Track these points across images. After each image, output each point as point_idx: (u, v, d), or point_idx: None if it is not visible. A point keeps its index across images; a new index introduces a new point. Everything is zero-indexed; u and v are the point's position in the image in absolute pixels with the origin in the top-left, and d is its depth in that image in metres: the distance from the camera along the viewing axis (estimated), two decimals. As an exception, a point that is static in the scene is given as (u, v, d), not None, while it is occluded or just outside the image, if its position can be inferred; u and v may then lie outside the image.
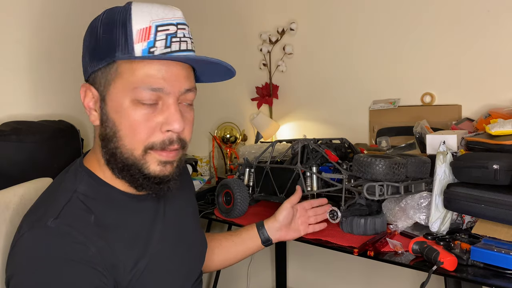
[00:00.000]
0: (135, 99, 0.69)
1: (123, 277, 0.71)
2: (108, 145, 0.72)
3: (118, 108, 0.70)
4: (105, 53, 0.69)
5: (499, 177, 0.98)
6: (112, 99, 0.70)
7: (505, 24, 1.50)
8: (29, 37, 1.30)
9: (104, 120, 0.72)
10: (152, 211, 0.81)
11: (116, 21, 0.69)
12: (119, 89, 0.70)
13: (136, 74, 0.68)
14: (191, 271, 0.89)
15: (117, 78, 0.70)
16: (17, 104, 1.28)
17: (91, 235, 0.68)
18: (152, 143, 0.70)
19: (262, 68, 2.16)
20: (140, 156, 0.71)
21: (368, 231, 1.14)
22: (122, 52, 0.68)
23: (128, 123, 0.70)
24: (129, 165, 0.71)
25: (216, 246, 1.07)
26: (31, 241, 0.66)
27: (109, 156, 0.73)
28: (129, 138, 0.70)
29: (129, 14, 0.69)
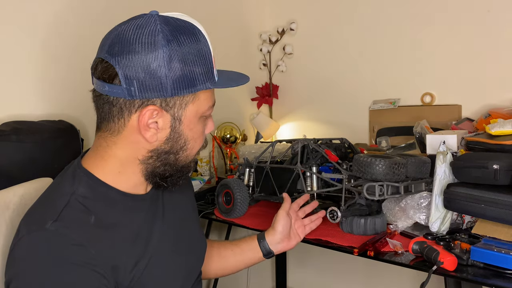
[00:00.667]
0: (202, 116, 0.78)
1: (124, 277, 0.71)
2: (168, 157, 0.77)
3: (192, 126, 0.76)
4: (196, 82, 0.72)
5: (499, 177, 0.98)
6: (188, 118, 0.75)
7: (505, 24, 1.50)
8: (30, 38, 1.30)
9: (176, 137, 0.75)
10: (152, 211, 0.81)
11: (205, 53, 0.73)
12: (195, 109, 0.75)
13: (208, 95, 0.77)
14: (191, 271, 0.89)
15: (195, 100, 0.74)
16: (17, 104, 1.28)
17: (91, 237, 0.68)
18: (202, 146, 0.82)
19: (262, 68, 2.16)
20: (193, 159, 0.81)
21: (368, 231, 1.14)
22: (210, 82, 0.74)
23: (197, 135, 0.78)
24: (179, 168, 0.79)
25: (215, 254, 1.06)
26: (30, 244, 0.66)
27: (161, 165, 0.77)
28: (194, 148, 0.79)
29: (206, 41, 0.74)
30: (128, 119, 0.72)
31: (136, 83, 0.68)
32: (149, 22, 0.69)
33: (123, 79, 0.68)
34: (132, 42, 0.68)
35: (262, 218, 1.35)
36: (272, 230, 1.06)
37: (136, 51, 0.68)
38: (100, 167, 0.75)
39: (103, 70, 0.70)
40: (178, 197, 0.90)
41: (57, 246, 0.65)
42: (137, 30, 0.69)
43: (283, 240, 1.06)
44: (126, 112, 0.71)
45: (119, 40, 0.69)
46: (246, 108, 2.18)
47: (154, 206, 0.82)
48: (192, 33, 0.72)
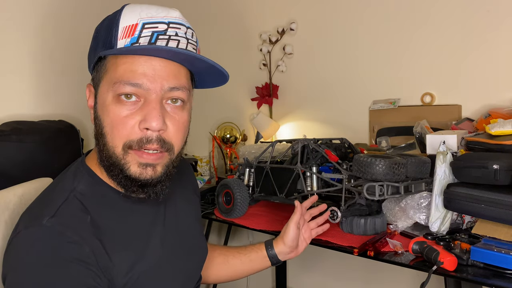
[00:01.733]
0: (116, 95, 0.68)
1: (117, 279, 0.70)
2: (98, 143, 0.72)
3: (103, 105, 0.70)
4: (96, 51, 0.72)
5: (499, 177, 0.98)
6: (100, 96, 0.71)
7: (505, 24, 1.50)
8: (30, 38, 1.30)
9: (95, 117, 0.73)
10: (152, 214, 0.80)
11: (107, 19, 0.72)
12: (104, 85, 0.70)
13: (118, 70, 0.68)
14: (190, 277, 0.88)
15: (105, 75, 0.70)
16: (17, 104, 1.28)
17: (87, 235, 0.68)
18: (130, 141, 0.69)
19: (262, 68, 2.16)
20: (121, 155, 0.70)
21: (368, 231, 1.14)
22: (105, 47, 0.69)
23: (110, 119, 0.69)
24: (112, 164, 0.70)
25: (223, 262, 1.05)
26: (26, 239, 0.66)
27: (99, 155, 0.73)
28: (110, 135, 0.69)
29: (119, 12, 0.70)
30: None
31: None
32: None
33: None
34: None
35: (262, 218, 1.35)
36: (281, 242, 1.05)
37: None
38: (97, 165, 0.75)
39: None
40: (183, 202, 0.89)
41: (52, 242, 0.65)
42: None
43: (292, 251, 1.06)
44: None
45: None
46: (246, 108, 2.18)
47: (155, 210, 0.81)
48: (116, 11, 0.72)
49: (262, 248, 1.05)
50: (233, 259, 1.05)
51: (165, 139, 0.71)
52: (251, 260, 1.05)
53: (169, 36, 0.69)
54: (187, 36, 0.72)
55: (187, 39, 0.71)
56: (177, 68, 0.71)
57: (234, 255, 1.05)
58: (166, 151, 0.72)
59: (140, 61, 0.68)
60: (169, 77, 0.70)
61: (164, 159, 0.72)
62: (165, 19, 0.69)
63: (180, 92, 0.71)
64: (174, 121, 0.72)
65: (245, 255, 1.05)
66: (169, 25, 0.69)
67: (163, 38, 0.68)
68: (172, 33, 0.69)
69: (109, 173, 0.72)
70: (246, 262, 1.05)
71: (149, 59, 0.68)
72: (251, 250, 1.05)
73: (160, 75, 0.69)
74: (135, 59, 0.68)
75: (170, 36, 0.69)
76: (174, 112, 0.72)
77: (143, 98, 0.69)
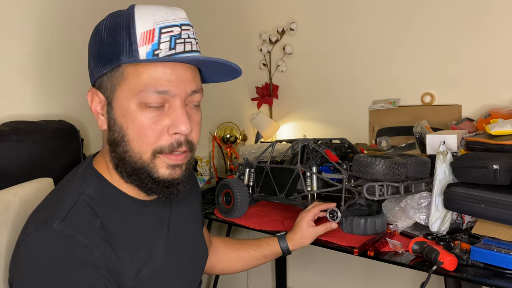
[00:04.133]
0: (141, 103, 0.68)
1: (126, 282, 0.70)
2: (116, 150, 0.71)
3: (124, 113, 0.69)
4: (110, 57, 0.69)
5: (499, 177, 0.98)
6: (118, 103, 0.70)
7: (505, 24, 1.50)
8: (30, 38, 1.30)
9: (112, 124, 0.71)
10: (158, 217, 0.81)
11: (120, 25, 0.69)
12: (125, 93, 0.69)
13: (141, 77, 0.68)
14: (192, 280, 0.89)
15: (123, 82, 0.69)
16: (17, 104, 1.28)
17: (96, 239, 0.68)
18: (161, 147, 0.70)
19: (262, 68, 2.16)
20: (149, 160, 0.70)
21: (368, 231, 1.14)
22: (127, 56, 0.67)
23: (135, 127, 0.69)
24: (137, 169, 0.71)
25: (238, 259, 1.10)
26: (36, 243, 0.66)
27: (117, 161, 0.72)
28: (137, 142, 0.70)
29: (132, 17, 0.68)
30: None
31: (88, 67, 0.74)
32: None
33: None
34: None
35: (262, 218, 1.35)
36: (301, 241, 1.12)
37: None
38: (105, 169, 0.76)
39: None
40: (186, 206, 0.89)
41: (62, 246, 0.65)
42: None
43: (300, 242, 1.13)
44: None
45: None
46: (246, 108, 2.18)
47: (161, 213, 0.82)
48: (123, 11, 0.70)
49: (276, 246, 1.11)
50: (248, 256, 1.10)
51: (191, 141, 0.73)
52: (265, 256, 1.11)
53: (184, 39, 0.70)
54: (194, 36, 0.73)
55: (195, 39, 0.73)
56: (194, 71, 0.73)
57: (249, 252, 1.10)
58: (190, 151, 0.74)
59: (164, 68, 0.68)
60: (190, 81, 0.71)
61: (188, 158, 0.75)
62: (177, 21, 0.70)
63: (199, 94, 0.74)
64: (194, 122, 0.74)
65: (260, 252, 1.11)
66: (182, 27, 0.70)
67: (180, 42, 0.69)
68: (186, 36, 0.70)
69: (131, 178, 0.72)
70: (261, 258, 1.11)
71: (171, 65, 0.69)
72: (266, 247, 1.11)
73: (183, 80, 0.70)
74: (158, 66, 0.68)
75: (185, 39, 0.70)
76: (193, 112, 0.74)
77: (167, 104, 0.70)
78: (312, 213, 1.13)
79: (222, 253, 1.10)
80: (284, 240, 1.11)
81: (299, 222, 1.13)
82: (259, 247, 1.10)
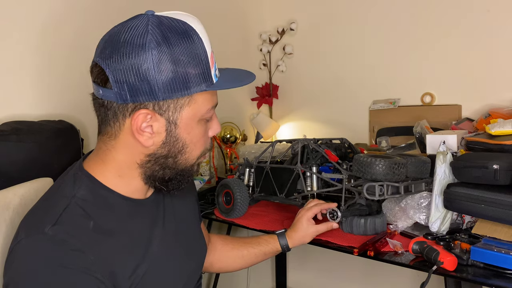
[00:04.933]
0: (202, 119, 0.75)
1: (122, 283, 0.70)
2: (166, 161, 0.75)
3: (189, 129, 0.74)
4: (191, 84, 0.70)
5: (499, 177, 0.98)
6: (184, 122, 0.73)
7: (505, 24, 1.50)
8: (30, 38, 1.30)
9: (172, 141, 0.73)
10: (152, 216, 0.81)
11: (192, 52, 0.69)
12: (192, 112, 0.73)
13: (207, 98, 0.74)
14: (191, 276, 0.88)
15: (192, 104, 0.72)
16: (17, 104, 1.28)
17: (90, 242, 0.67)
18: (206, 150, 0.79)
19: (262, 68, 2.16)
20: (195, 162, 0.79)
21: (368, 231, 1.14)
22: (206, 83, 0.71)
23: (196, 138, 0.76)
24: (180, 171, 0.77)
25: (238, 256, 1.10)
26: (28, 248, 0.66)
27: (160, 169, 0.75)
28: (194, 152, 0.77)
29: (196, 34, 0.70)
30: (123, 123, 0.71)
31: (126, 87, 0.67)
32: (140, 24, 0.68)
33: (114, 83, 0.67)
34: (121, 45, 0.67)
35: (262, 218, 1.35)
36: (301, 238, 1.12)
37: (125, 54, 0.66)
38: (101, 171, 0.75)
39: (96, 74, 0.70)
40: (180, 202, 0.89)
41: (55, 251, 0.65)
42: (127, 32, 0.67)
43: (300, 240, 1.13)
44: (120, 116, 0.70)
45: (110, 43, 0.68)
46: (246, 108, 2.18)
47: (155, 211, 0.82)
48: (185, 33, 0.68)
49: (276, 243, 1.11)
50: (248, 254, 1.11)
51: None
52: (265, 254, 1.11)
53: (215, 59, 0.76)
54: None
55: None
56: None
57: (249, 250, 1.11)
58: None
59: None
60: None
61: None
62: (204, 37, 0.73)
63: None
64: None
65: (260, 250, 1.11)
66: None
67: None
68: None
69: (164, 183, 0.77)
70: (260, 256, 1.11)
71: None
72: (265, 245, 1.11)
73: None
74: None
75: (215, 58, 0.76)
76: None
77: None
78: (312, 212, 1.13)
79: (220, 251, 1.10)
80: (284, 237, 1.11)
81: (299, 220, 1.12)
82: (258, 245, 1.10)
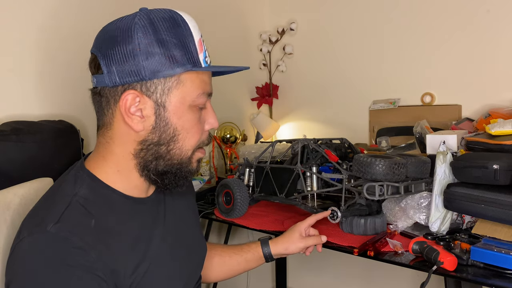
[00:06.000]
0: (193, 105, 0.74)
1: (123, 281, 0.70)
2: (158, 149, 0.74)
3: (179, 114, 0.73)
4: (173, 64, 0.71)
5: (499, 177, 0.98)
6: (173, 105, 0.73)
7: (505, 24, 1.50)
8: (30, 38, 1.30)
9: (162, 125, 0.73)
10: (153, 214, 0.81)
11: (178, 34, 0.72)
12: (180, 95, 0.73)
13: (196, 82, 0.74)
14: (191, 276, 0.89)
15: (180, 86, 0.73)
16: (17, 104, 1.28)
17: (91, 240, 0.68)
18: (202, 142, 0.78)
19: (262, 68, 2.16)
20: (190, 156, 0.77)
21: (368, 231, 1.14)
22: (192, 64, 0.72)
23: (188, 126, 0.75)
24: (174, 164, 0.76)
25: (219, 263, 1.08)
26: (30, 246, 0.66)
27: (153, 158, 0.75)
28: (188, 140, 0.76)
29: (184, 22, 0.73)
30: (115, 109, 0.73)
31: (115, 68, 0.70)
32: (131, 15, 0.73)
33: (104, 67, 0.71)
34: (111, 31, 0.72)
35: (262, 218, 1.35)
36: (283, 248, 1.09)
37: (113, 37, 0.71)
38: (102, 168, 0.75)
39: (90, 63, 0.74)
40: (180, 202, 0.89)
41: (57, 249, 0.65)
42: (118, 21, 0.73)
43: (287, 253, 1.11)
44: (112, 101, 0.73)
45: (103, 32, 0.74)
46: (246, 108, 2.18)
47: (156, 210, 0.82)
48: (171, 18, 0.72)
49: (258, 249, 1.09)
50: (229, 260, 1.08)
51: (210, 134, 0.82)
52: (247, 261, 1.09)
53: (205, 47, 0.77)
54: None
55: None
56: None
57: (231, 256, 1.09)
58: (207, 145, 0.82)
59: (208, 74, 0.78)
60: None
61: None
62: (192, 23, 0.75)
63: None
64: None
65: (241, 256, 1.09)
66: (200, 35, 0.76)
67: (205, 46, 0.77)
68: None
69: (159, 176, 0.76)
70: (242, 262, 1.09)
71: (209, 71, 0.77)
72: (248, 250, 1.09)
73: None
74: (205, 72, 0.76)
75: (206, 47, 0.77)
76: None
77: None
78: (307, 223, 1.10)
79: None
80: (267, 244, 1.09)
81: (291, 229, 1.10)
82: (241, 251, 1.09)
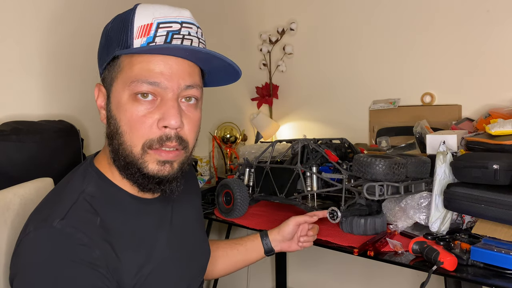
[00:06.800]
0: (132, 94, 0.69)
1: (126, 281, 0.70)
2: (112, 143, 0.72)
3: (118, 104, 0.70)
4: (108, 50, 0.71)
5: (499, 177, 0.98)
6: (114, 95, 0.71)
7: (504, 24, 1.50)
8: (30, 38, 1.30)
9: (109, 117, 0.72)
10: (159, 216, 0.81)
11: (120, 20, 0.71)
12: (120, 84, 0.70)
13: (134, 69, 0.69)
14: (194, 279, 0.88)
15: (119, 74, 0.70)
16: (17, 104, 1.28)
17: (96, 238, 0.68)
18: (150, 140, 0.69)
19: (262, 68, 2.16)
20: (139, 154, 0.70)
21: (368, 231, 1.14)
22: (122, 47, 0.69)
23: (127, 119, 0.69)
24: (129, 162, 0.71)
25: (222, 255, 1.08)
26: (36, 241, 0.66)
27: (114, 154, 0.73)
28: (129, 135, 0.70)
29: (133, 12, 0.70)
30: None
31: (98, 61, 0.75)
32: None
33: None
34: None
35: (262, 218, 1.35)
36: (277, 230, 1.09)
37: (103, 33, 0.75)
38: (108, 166, 0.76)
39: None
40: (188, 205, 0.89)
41: (62, 244, 0.65)
42: None
43: (284, 241, 1.09)
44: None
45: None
46: (246, 108, 2.18)
47: (163, 211, 0.82)
48: (131, 10, 0.72)
49: (258, 237, 1.10)
50: (231, 251, 1.09)
51: (182, 137, 0.72)
52: (247, 250, 1.09)
53: (183, 35, 0.70)
54: (198, 36, 0.73)
55: (198, 38, 0.73)
56: (192, 67, 0.73)
57: (232, 247, 1.10)
58: (183, 149, 0.73)
59: (157, 60, 0.69)
60: (185, 75, 0.71)
61: (180, 157, 0.74)
62: (178, 18, 0.71)
63: (194, 90, 0.72)
64: (189, 119, 0.73)
65: (241, 245, 1.09)
66: (182, 24, 0.70)
67: (178, 37, 0.69)
68: (186, 33, 0.70)
69: (125, 172, 0.72)
70: (242, 251, 1.09)
71: (166, 58, 0.69)
72: (247, 239, 1.10)
73: (176, 74, 0.69)
74: (151, 58, 0.68)
75: (184, 35, 0.70)
76: (189, 110, 0.73)
77: (159, 97, 0.70)
78: (303, 218, 1.09)
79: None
80: (265, 233, 1.10)
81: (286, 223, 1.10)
82: (241, 240, 1.10)
